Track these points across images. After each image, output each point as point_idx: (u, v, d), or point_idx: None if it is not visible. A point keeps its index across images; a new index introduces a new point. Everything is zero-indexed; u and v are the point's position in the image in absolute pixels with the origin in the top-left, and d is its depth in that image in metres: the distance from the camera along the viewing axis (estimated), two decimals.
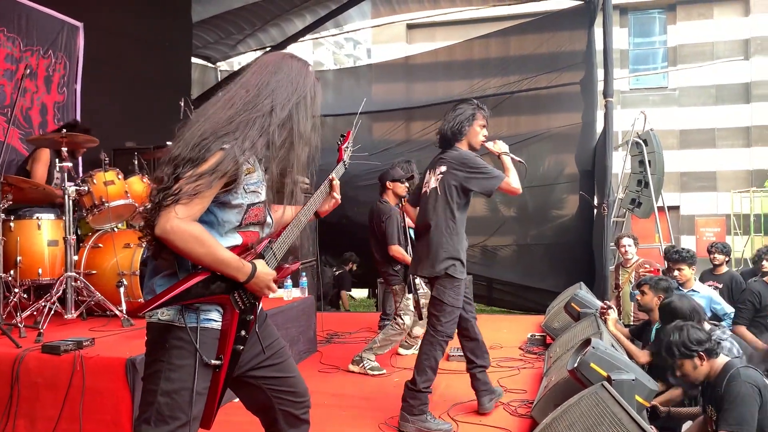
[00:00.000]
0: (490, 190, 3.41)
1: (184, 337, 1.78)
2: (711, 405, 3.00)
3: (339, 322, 6.66)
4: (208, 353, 1.80)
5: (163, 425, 1.76)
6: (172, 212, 1.67)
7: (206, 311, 1.82)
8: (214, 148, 1.74)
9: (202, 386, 1.81)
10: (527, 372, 4.64)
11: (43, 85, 5.79)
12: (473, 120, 3.50)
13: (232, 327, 1.84)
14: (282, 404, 2.05)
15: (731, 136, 16.86)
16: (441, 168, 3.47)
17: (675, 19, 17.42)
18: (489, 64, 8.91)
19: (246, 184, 1.82)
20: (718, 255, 6.20)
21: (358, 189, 8.06)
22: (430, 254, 3.40)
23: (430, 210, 3.45)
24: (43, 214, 4.20)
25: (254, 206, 1.87)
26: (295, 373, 2.11)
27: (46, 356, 3.09)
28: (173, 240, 1.68)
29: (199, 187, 1.69)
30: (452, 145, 3.52)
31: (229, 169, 1.74)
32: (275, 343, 2.07)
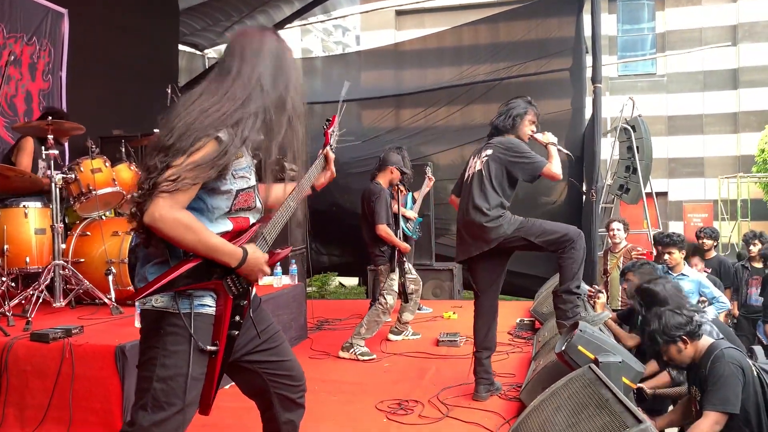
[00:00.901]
0: (533, 174, 3.51)
1: (179, 323, 1.78)
2: (695, 385, 3.04)
3: (329, 309, 6.68)
4: (203, 339, 1.81)
5: (159, 411, 1.77)
6: (160, 200, 1.66)
7: (200, 297, 1.82)
8: (205, 136, 1.73)
9: (198, 372, 1.82)
10: (516, 356, 4.69)
11: (27, 73, 5.72)
12: (525, 116, 3.65)
13: (226, 312, 1.84)
14: (278, 388, 2.06)
15: (719, 122, 16.96)
16: (486, 152, 3.58)
17: (663, 5, 17.45)
18: (478, 51, 8.88)
19: (235, 169, 1.82)
20: (706, 240, 6.27)
21: (349, 176, 8.05)
22: (478, 234, 3.50)
23: (476, 191, 3.53)
24: (29, 202, 4.17)
25: (243, 192, 1.87)
26: (291, 357, 2.12)
27: (35, 344, 3.09)
28: (162, 228, 1.68)
29: (190, 176, 1.69)
30: (500, 134, 3.65)
31: (222, 159, 1.74)
32: (269, 328, 2.07)
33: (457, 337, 5.07)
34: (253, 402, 2.14)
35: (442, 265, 7.71)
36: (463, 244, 3.68)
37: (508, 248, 3.58)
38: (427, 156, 8.17)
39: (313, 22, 13.90)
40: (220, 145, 1.74)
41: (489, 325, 3.70)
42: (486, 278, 3.68)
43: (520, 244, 3.53)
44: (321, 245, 9.31)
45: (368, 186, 5.06)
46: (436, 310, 6.49)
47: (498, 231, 3.46)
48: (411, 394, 3.78)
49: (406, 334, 5.36)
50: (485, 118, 8.19)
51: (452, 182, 4.08)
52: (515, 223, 3.47)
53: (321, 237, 8.96)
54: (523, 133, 3.66)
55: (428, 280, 7.50)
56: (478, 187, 3.54)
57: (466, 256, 3.66)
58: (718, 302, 5.06)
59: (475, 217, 3.51)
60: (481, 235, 3.50)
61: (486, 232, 3.47)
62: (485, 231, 3.47)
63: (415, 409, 3.55)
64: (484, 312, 3.71)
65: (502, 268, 3.70)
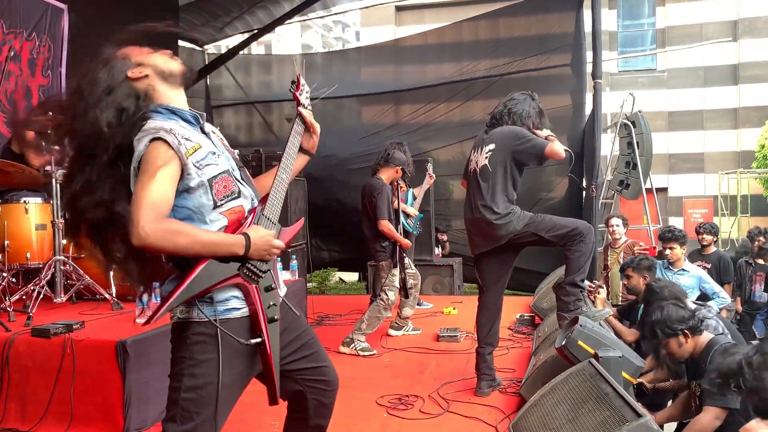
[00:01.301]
0: (539, 155, 3.47)
1: (205, 331, 1.76)
2: (695, 380, 3.05)
3: (329, 305, 6.69)
4: (243, 337, 1.78)
5: (188, 422, 1.75)
6: (140, 217, 1.63)
7: (223, 302, 1.78)
8: (144, 145, 1.71)
9: (228, 378, 1.78)
10: (516, 351, 4.69)
11: (27, 68, 5.71)
12: (533, 114, 3.64)
13: (257, 304, 1.81)
14: (314, 393, 2.05)
15: (719, 117, 16.94)
16: (489, 146, 3.55)
17: (664, 0, 17.41)
18: (478, 47, 8.88)
19: (194, 162, 1.76)
20: (706, 235, 6.27)
21: (349, 173, 8.07)
22: (487, 231, 3.50)
23: (483, 188, 3.52)
24: (30, 197, 4.18)
25: (216, 179, 1.80)
26: (327, 362, 2.10)
27: (36, 340, 3.09)
28: (152, 243, 1.64)
29: (153, 185, 1.66)
30: (501, 125, 3.63)
31: (171, 156, 1.71)
32: (305, 333, 2.05)
33: (457, 332, 5.08)
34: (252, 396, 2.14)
35: (443, 260, 7.73)
36: (473, 240, 3.67)
37: (518, 244, 3.58)
38: (426, 152, 8.17)
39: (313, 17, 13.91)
40: (166, 145, 1.73)
41: (493, 320, 3.70)
42: (493, 273, 3.67)
43: (530, 240, 3.52)
44: (321, 241, 9.32)
45: (369, 181, 5.05)
46: (436, 306, 6.50)
47: (508, 228, 3.45)
48: (411, 389, 3.79)
49: (406, 330, 5.37)
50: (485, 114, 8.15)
51: (452, 178, 4.09)
52: (525, 219, 3.46)
53: (321, 232, 8.97)
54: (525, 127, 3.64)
55: (428, 275, 7.51)
56: (485, 183, 3.51)
57: (477, 251, 3.66)
58: (719, 297, 5.07)
59: (484, 215, 3.49)
60: (491, 233, 3.50)
61: (496, 229, 3.47)
62: (495, 228, 3.47)
63: (415, 403, 3.56)
64: (488, 307, 3.71)
65: (510, 264, 3.69)
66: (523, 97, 3.68)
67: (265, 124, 10.02)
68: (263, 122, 10.05)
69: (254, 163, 6.38)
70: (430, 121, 8.78)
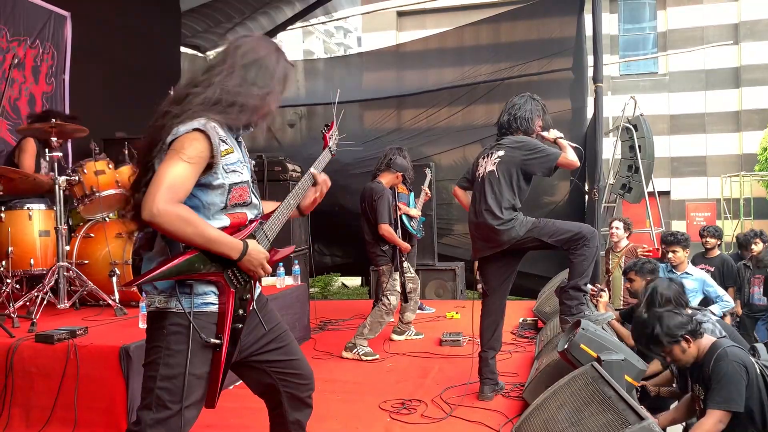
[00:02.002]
0: (549, 167, 3.50)
1: (182, 322, 1.80)
2: (698, 384, 3.04)
3: (332, 310, 6.69)
4: (207, 335, 1.82)
5: (163, 410, 1.79)
6: (157, 195, 1.69)
7: (201, 295, 1.84)
8: (187, 129, 1.77)
9: (202, 370, 1.83)
10: (519, 355, 4.69)
11: (30, 76, 5.74)
12: (535, 116, 3.65)
13: (229, 306, 1.85)
14: (287, 386, 2.08)
15: (721, 120, 16.93)
16: (498, 153, 3.57)
17: (665, 4, 17.43)
18: (480, 51, 8.89)
19: (225, 164, 1.84)
20: (710, 239, 6.27)
21: (350, 178, 8.06)
22: (489, 236, 3.51)
23: (488, 193, 3.52)
24: (33, 204, 4.20)
25: (237, 186, 1.88)
26: (300, 356, 2.14)
27: (40, 345, 3.10)
28: (161, 223, 1.70)
29: (178, 169, 1.72)
30: (511, 134, 3.64)
31: (205, 150, 1.77)
32: (277, 327, 2.09)
33: (460, 336, 5.08)
34: (256, 403, 2.16)
35: (445, 264, 7.72)
36: (476, 244, 3.68)
37: (522, 249, 3.59)
38: (428, 156, 8.17)
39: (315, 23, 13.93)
40: (205, 138, 1.77)
41: (496, 325, 3.71)
42: (497, 278, 3.68)
43: (533, 245, 3.54)
44: (324, 246, 9.32)
45: (369, 185, 5.06)
46: (438, 310, 6.50)
47: (510, 233, 3.46)
48: (414, 394, 3.79)
49: (409, 334, 5.37)
50: (487, 118, 8.23)
51: (454, 182, 4.08)
52: (527, 225, 3.47)
53: (324, 237, 8.97)
54: (534, 131, 3.67)
55: (431, 279, 7.51)
56: (491, 189, 3.52)
57: (479, 255, 3.67)
58: (722, 301, 5.06)
59: (487, 220, 3.50)
60: (493, 237, 3.51)
61: (498, 234, 3.47)
62: (497, 233, 3.48)
63: (418, 408, 3.56)
64: (492, 311, 3.72)
65: (514, 269, 3.70)
66: (523, 100, 3.69)
67: (268, 129, 10.02)
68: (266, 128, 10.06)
69: (257, 168, 6.39)
70: (432, 125, 8.79)
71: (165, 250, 1.83)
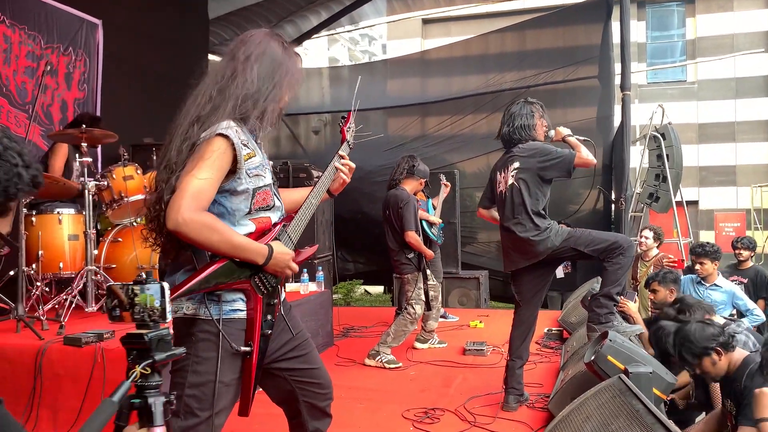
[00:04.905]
0: (567, 169, 3.47)
1: (210, 330, 1.79)
2: (730, 399, 2.97)
3: (355, 317, 6.69)
4: (236, 342, 1.82)
5: (191, 417, 1.78)
6: (181, 204, 1.68)
7: (230, 302, 1.83)
8: (208, 135, 1.77)
9: (230, 377, 1.83)
10: (543, 366, 4.64)
11: (63, 82, 5.86)
12: (533, 118, 3.61)
13: (257, 313, 1.85)
14: (306, 396, 2.06)
15: (751, 129, 16.61)
16: (514, 165, 3.55)
17: (694, 11, 17.19)
18: (505, 59, 8.87)
19: (248, 168, 1.83)
20: (743, 251, 6.14)
21: (374, 185, 8.07)
22: (525, 248, 3.49)
23: (515, 206, 3.51)
24: (63, 208, 4.27)
25: (260, 190, 1.88)
26: (320, 365, 2.12)
27: (68, 348, 3.14)
28: (186, 232, 1.69)
29: (202, 175, 1.72)
30: (519, 143, 3.60)
31: (227, 155, 1.77)
32: (300, 335, 2.08)
33: (483, 346, 5.04)
34: (279, 409, 2.15)
35: (469, 273, 7.68)
36: (510, 256, 3.66)
37: (557, 259, 3.57)
38: (452, 164, 8.16)
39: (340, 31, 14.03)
40: (228, 143, 1.77)
41: (526, 334, 3.68)
42: (530, 289, 3.65)
43: (569, 255, 3.53)
44: (347, 252, 9.34)
45: (394, 192, 5.05)
46: (462, 319, 6.46)
47: (546, 243, 3.43)
48: (437, 403, 3.77)
49: (432, 342, 5.34)
50: None
51: (478, 190, 4.08)
52: (563, 234, 3.44)
53: (347, 244, 8.99)
54: (539, 135, 3.63)
55: (454, 288, 7.46)
56: (517, 201, 3.50)
57: (514, 267, 3.63)
58: (753, 315, 4.95)
59: (521, 233, 3.48)
60: (530, 249, 3.48)
61: (534, 245, 3.45)
62: (533, 245, 3.45)
63: (441, 418, 3.54)
64: (523, 321, 3.69)
65: (548, 279, 3.68)
66: (518, 107, 3.64)
67: (293, 136, 10.10)
68: (290, 135, 10.13)
69: (282, 175, 6.43)
70: (456, 133, 8.78)
71: (191, 259, 1.82)
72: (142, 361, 1.33)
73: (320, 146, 9.84)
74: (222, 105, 1.83)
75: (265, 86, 1.88)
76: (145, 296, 1.33)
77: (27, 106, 5.35)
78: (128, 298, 1.34)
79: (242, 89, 1.85)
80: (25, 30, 5.41)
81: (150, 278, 1.36)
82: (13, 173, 1.14)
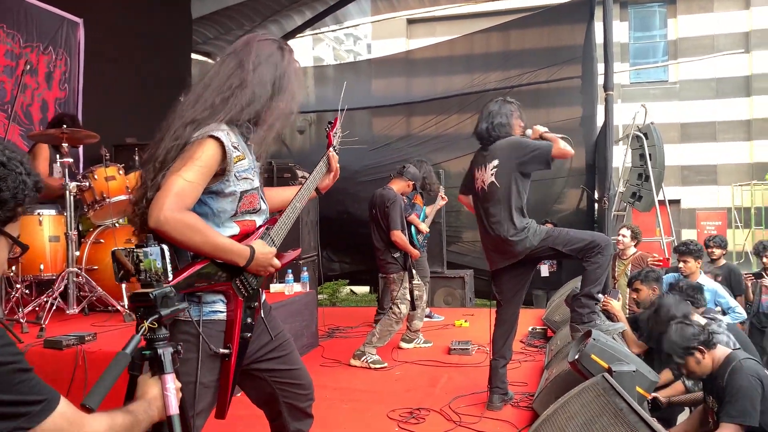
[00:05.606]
0: (546, 160, 3.46)
1: (190, 331, 1.78)
2: (712, 396, 3.00)
3: (340, 317, 6.67)
4: (215, 344, 1.81)
5: None
6: (165, 203, 1.67)
7: (210, 303, 1.83)
8: (199, 136, 1.76)
9: (209, 379, 1.82)
10: (528, 365, 4.66)
11: (44, 82, 5.79)
12: (512, 118, 3.62)
13: (237, 315, 1.84)
14: (287, 397, 2.06)
15: (732, 129, 16.83)
16: (493, 162, 3.55)
17: (675, 12, 17.37)
18: (489, 59, 8.90)
19: (237, 171, 1.83)
20: (716, 249, 6.23)
21: (360, 185, 8.07)
22: (503, 247, 3.50)
23: (495, 205, 3.52)
24: (44, 209, 4.20)
25: (247, 193, 1.87)
26: (300, 366, 2.12)
27: (49, 351, 3.10)
28: (168, 230, 1.68)
29: (188, 176, 1.71)
30: (496, 141, 3.60)
31: (217, 157, 1.76)
32: (280, 335, 2.07)
33: (468, 345, 5.05)
34: (261, 411, 2.14)
35: (454, 272, 7.69)
36: (491, 256, 3.67)
37: (535, 258, 3.59)
38: (438, 164, 8.16)
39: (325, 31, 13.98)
40: (219, 145, 1.76)
41: (508, 334, 3.69)
42: (510, 288, 3.67)
43: (547, 254, 3.55)
44: (332, 252, 9.32)
45: (380, 191, 5.05)
46: (447, 318, 6.47)
47: (525, 243, 3.45)
48: (423, 403, 3.77)
49: (417, 342, 5.34)
50: None
51: None
52: (541, 234, 3.46)
53: (332, 244, 8.97)
54: (516, 134, 3.63)
55: (439, 287, 7.47)
56: (496, 200, 3.51)
57: (494, 267, 3.65)
58: (734, 312, 5.00)
59: (499, 232, 3.49)
60: (508, 249, 3.50)
61: (512, 245, 3.47)
62: (512, 244, 3.47)
63: (427, 417, 3.54)
64: (505, 320, 3.70)
65: (527, 278, 3.70)
66: (497, 105, 3.66)
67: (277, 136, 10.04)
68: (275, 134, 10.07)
69: (266, 174, 6.41)
70: (441, 132, 8.79)
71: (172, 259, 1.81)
72: (149, 316, 1.46)
73: (305, 146, 9.81)
74: (223, 111, 1.82)
75: (269, 96, 1.89)
76: (149, 261, 1.50)
77: (6, 105, 5.26)
78: (134, 265, 1.50)
79: (246, 99, 1.84)
80: (4, 28, 5.32)
81: (150, 241, 1.52)
82: (19, 181, 1.26)
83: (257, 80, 1.87)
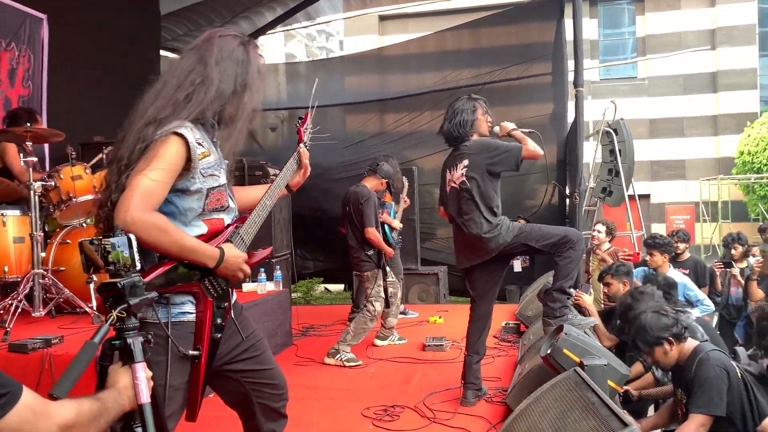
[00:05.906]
0: (515, 163, 3.48)
1: (159, 333, 1.75)
2: (681, 388, 3.05)
3: (315, 315, 6.64)
4: (184, 346, 1.78)
5: None
6: (130, 204, 1.64)
7: (179, 305, 1.80)
8: (163, 134, 1.73)
9: (179, 381, 1.79)
10: (501, 360, 4.68)
11: (6, 79, 5.63)
12: (476, 114, 3.62)
13: (206, 316, 1.82)
14: (260, 397, 2.03)
15: (699, 124, 17.18)
16: (463, 162, 3.55)
17: (643, 9, 17.66)
18: (461, 56, 8.92)
19: (203, 168, 1.80)
20: (680, 243, 6.35)
21: (333, 182, 8.04)
22: (476, 245, 3.51)
23: (466, 203, 3.52)
24: (7, 210, 4.08)
25: (214, 190, 1.85)
26: (273, 365, 2.09)
27: (14, 355, 3.02)
28: (135, 231, 1.63)
29: (153, 175, 1.68)
30: (464, 140, 3.60)
31: (181, 154, 1.73)
32: (252, 336, 2.05)
33: (443, 341, 5.07)
34: (235, 412, 2.11)
35: (428, 269, 7.71)
36: (462, 253, 3.68)
37: (508, 255, 3.61)
38: (411, 161, 8.18)
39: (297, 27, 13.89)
40: (182, 142, 1.73)
41: (482, 330, 3.71)
42: (484, 285, 3.68)
43: (520, 250, 3.58)
44: (306, 251, 9.26)
45: (354, 188, 5.03)
46: (421, 315, 6.48)
47: (497, 240, 3.46)
48: (397, 400, 3.77)
49: (392, 339, 5.34)
50: None
51: (437, 186, 4.08)
52: (514, 230, 3.48)
53: (306, 242, 8.91)
54: (482, 130, 3.64)
55: (414, 284, 7.49)
56: (467, 198, 3.52)
57: (467, 264, 3.66)
58: (703, 305, 5.10)
59: (473, 230, 3.50)
60: (482, 246, 3.51)
61: (486, 242, 3.48)
62: (485, 242, 3.48)
63: (401, 414, 3.54)
64: (479, 316, 3.71)
65: (501, 275, 3.71)
66: (461, 103, 3.67)
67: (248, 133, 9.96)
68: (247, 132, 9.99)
69: (237, 173, 6.33)
70: (415, 129, 8.80)
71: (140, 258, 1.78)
72: (117, 306, 1.45)
73: (277, 143, 9.73)
74: (186, 109, 1.79)
75: (232, 92, 1.86)
76: (117, 253, 1.49)
77: None
78: (102, 256, 1.49)
79: (210, 96, 1.81)
80: None
81: (118, 231, 1.55)
82: None
83: (220, 77, 1.84)
